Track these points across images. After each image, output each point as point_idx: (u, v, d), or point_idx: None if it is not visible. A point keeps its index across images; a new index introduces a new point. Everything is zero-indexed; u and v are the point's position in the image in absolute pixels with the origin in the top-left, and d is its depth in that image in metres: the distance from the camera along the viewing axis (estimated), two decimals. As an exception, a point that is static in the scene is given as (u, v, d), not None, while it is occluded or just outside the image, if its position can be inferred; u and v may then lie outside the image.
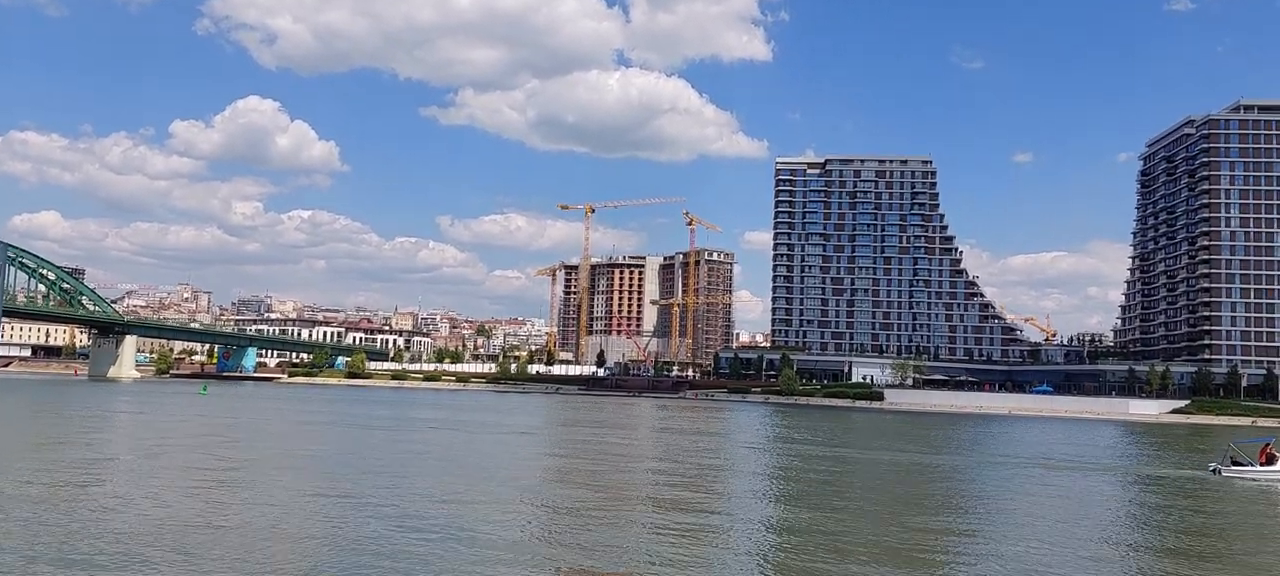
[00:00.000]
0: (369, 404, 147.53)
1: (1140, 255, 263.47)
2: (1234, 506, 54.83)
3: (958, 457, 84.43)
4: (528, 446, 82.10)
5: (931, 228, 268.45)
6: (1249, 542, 42.63)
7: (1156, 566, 36.43)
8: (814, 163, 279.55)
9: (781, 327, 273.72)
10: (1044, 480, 67.09)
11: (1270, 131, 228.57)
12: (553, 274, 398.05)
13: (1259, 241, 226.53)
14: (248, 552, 31.91)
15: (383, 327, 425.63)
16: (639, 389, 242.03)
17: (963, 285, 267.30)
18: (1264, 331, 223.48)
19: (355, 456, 65.66)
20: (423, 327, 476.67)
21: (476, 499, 46.42)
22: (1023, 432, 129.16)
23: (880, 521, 44.57)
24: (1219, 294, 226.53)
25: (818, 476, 64.51)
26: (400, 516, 39.86)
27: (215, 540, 33.70)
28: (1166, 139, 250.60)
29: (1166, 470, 73.84)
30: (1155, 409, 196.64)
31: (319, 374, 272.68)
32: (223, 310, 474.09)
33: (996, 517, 47.71)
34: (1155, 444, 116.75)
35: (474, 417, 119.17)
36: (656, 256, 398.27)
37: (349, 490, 47.34)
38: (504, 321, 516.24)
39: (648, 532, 39.45)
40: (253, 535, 34.82)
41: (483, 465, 63.48)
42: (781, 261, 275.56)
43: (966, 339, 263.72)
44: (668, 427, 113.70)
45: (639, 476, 60.75)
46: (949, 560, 35.97)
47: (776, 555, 36.07)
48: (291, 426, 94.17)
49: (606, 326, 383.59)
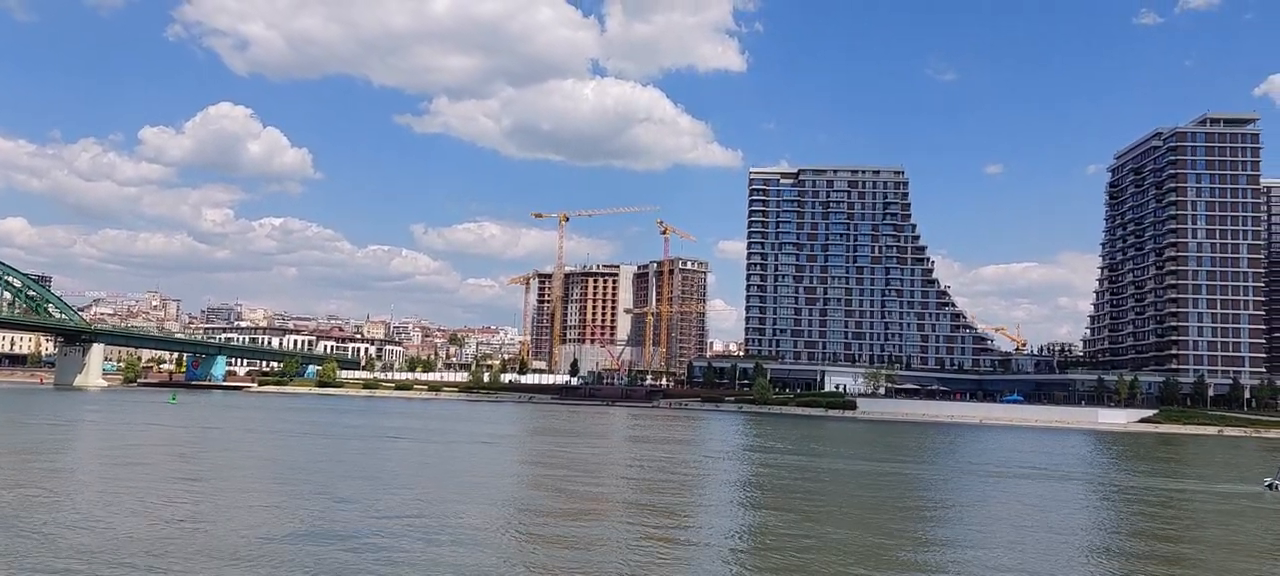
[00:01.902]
0: (340, 413, 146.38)
1: (1109, 266, 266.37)
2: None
3: (935, 466, 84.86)
4: (499, 456, 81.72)
5: (903, 238, 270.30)
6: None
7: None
8: (788, 172, 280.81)
9: (755, 336, 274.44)
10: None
11: (1236, 144, 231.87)
12: (526, 282, 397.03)
13: (1225, 253, 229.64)
14: (217, 564, 31.49)
15: (354, 336, 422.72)
16: (613, 398, 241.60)
17: (934, 295, 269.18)
18: (1230, 342, 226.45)
19: (325, 468, 65.05)
20: (395, 336, 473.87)
21: (447, 512, 46.09)
22: (1012, 442, 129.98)
23: (852, 531, 44.69)
24: (1186, 304, 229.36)
25: (790, 486, 64.61)
26: (370, 528, 39.52)
27: (183, 552, 33.24)
28: (1134, 151, 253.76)
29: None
30: (1123, 418, 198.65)
31: (289, 383, 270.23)
32: (192, 318, 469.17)
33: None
34: (1125, 453, 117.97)
35: (446, 427, 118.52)
36: (631, 265, 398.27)
37: (317, 504, 46.87)
38: (477, 330, 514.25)
39: (619, 544, 39.32)
40: (222, 547, 34.39)
41: (454, 476, 63.09)
42: (755, 270, 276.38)
43: (938, 348, 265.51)
44: (641, 437, 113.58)
45: (611, 486, 60.58)
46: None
47: (749, 564, 36.06)
48: (262, 436, 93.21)
49: (580, 335, 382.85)
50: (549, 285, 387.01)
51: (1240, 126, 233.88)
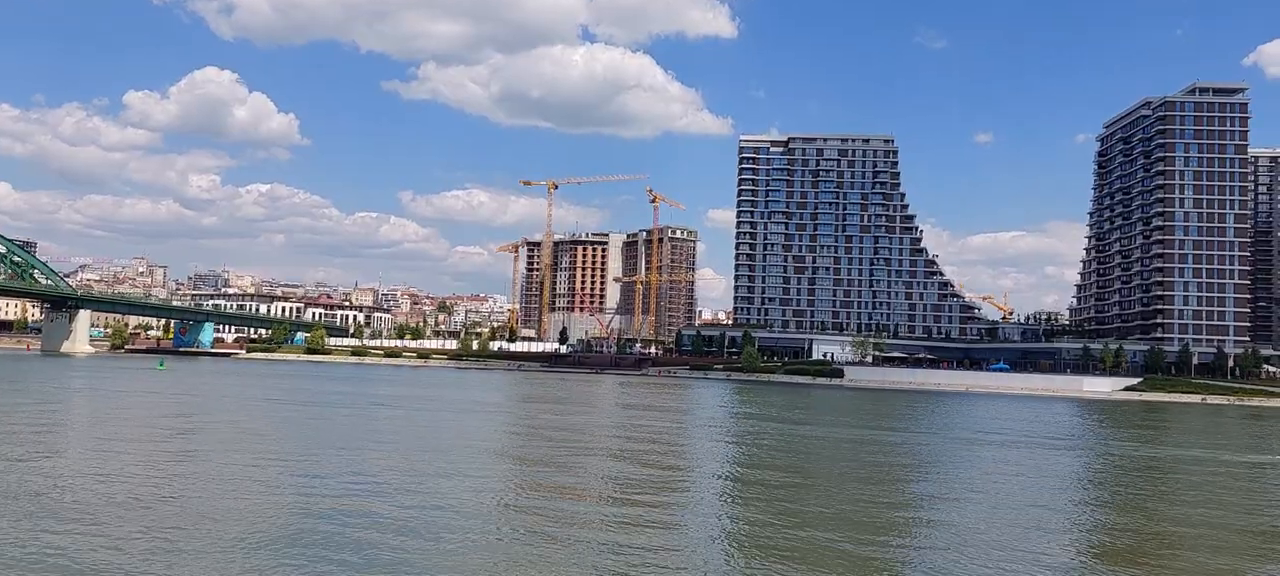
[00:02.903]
0: (329, 380, 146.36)
1: (1096, 235, 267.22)
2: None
3: (920, 434, 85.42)
4: (487, 425, 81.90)
5: (892, 206, 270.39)
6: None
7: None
8: (777, 141, 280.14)
9: (744, 305, 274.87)
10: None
11: (1224, 114, 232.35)
12: (515, 250, 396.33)
13: (1211, 222, 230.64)
14: (206, 530, 31.56)
15: (343, 303, 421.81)
16: (601, 366, 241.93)
17: (922, 264, 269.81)
18: (1215, 310, 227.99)
19: (313, 435, 65.11)
20: (383, 304, 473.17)
21: (435, 479, 46.23)
22: (998, 410, 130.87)
23: (835, 499, 45.02)
24: (1172, 274, 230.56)
25: (776, 454, 64.99)
26: (357, 496, 39.61)
27: (173, 516, 33.29)
28: (1123, 121, 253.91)
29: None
30: (1108, 386, 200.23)
31: (278, 350, 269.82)
32: (179, 285, 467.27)
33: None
34: (1109, 421, 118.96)
35: (435, 395, 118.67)
36: (620, 233, 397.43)
37: (306, 470, 46.96)
38: (466, 298, 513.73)
39: (605, 515, 39.53)
40: (211, 513, 34.43)
41: (442, 443, 63.23)
42: (744, 239, 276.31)
43: (926, 317, 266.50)
44: (630, 404, 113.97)
45: (598, 454, 60.83)
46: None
47: (732, 533, 36.31)
48: (250, 402, 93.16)
49: (569, 303, 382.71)
50: (538, 253, 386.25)
51: (1229, 96, 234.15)
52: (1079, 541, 38.14)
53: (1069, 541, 37.74)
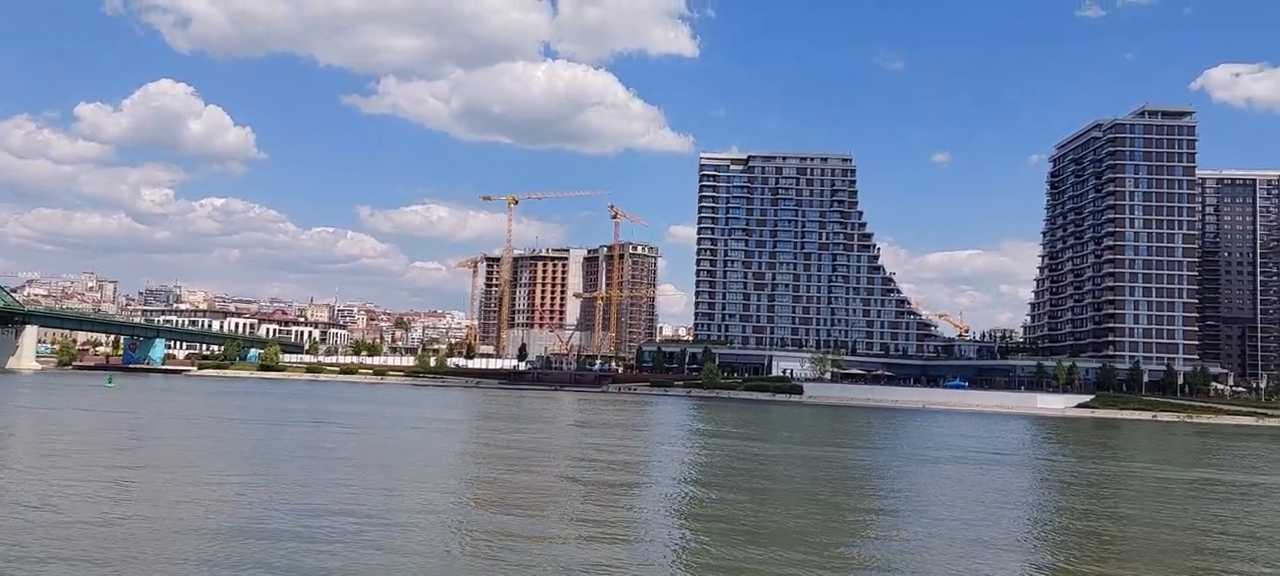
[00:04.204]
0: (282, 398, 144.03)
1: (1049, 254, 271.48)
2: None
3: (878, 452, 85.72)
4: (444, 442, 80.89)
5: (850, 225, 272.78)
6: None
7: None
8: (738, 159, 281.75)
9: (704, 321, 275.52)
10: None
11: (1172, 137, 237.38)
12: (474, 266, 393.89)
13: (1160, 242, 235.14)
14: (151, 552, 30.60)
15: (298, 319, 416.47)
16: (561, 383, 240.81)
17: (880, 281, 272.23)
18: (1164, 329, 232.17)
19: (265, 453, 63.82)
20: (340, 320, 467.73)
21: (388, 498, 45.40)
22: (954, 427, 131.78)
23: (792, 517, 44.86)
24: (1123, 293, 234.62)
25: (734, 472, 64.76)
26: (309, 517, 38.73)
27: (119, 540, 32.25)
28: (1075, 142, 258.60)
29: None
30: (1061, 403, 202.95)
31: (231, 366, 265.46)
32: (130, 300, 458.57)
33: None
34: (1062, 438, 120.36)
35: (390, 412, 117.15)
36: (580, 249, 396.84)
37: (257, 489, 45.91)
38: (423, 314, 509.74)
39: (560, 535, 39.03)
40: (157, 534, 33.44)
41: (396, 462, 62.26)
42: (705, 256, 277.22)
43: (883, 334, 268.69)
44: (588, 422, 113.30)
45: (555, 474, 60.23)
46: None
47: (693, 548, 35.97)
48: (201, 420, 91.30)
49: (529, 319, 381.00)
50: (497, 269, 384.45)
51: (1177, 119, 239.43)
52: (1031, 558, 38.30)
53: (1021, 557, 37.87)
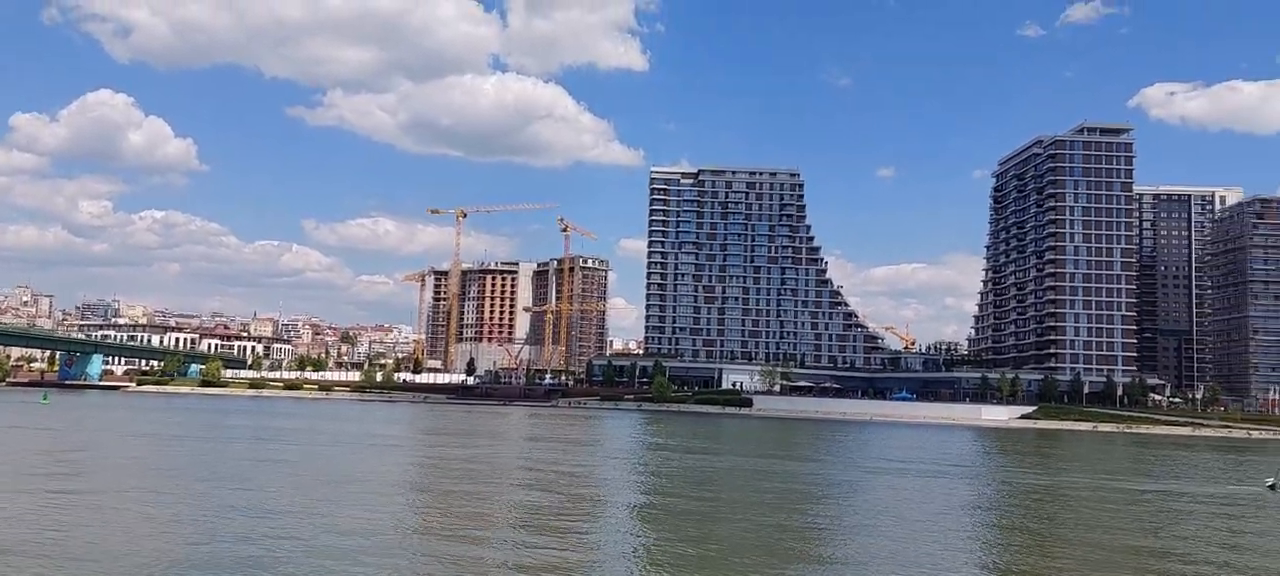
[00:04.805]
0: (224, 413, 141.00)
1: (993, 268, 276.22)
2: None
3: (826, 464, 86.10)
4: (391, 458, 79.70)
5: (799, 238, 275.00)
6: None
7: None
8: (688, 172, 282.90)
9: (655, 335, 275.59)
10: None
11: (1110, 153, 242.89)
12: (422, 279, 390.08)
13: (1099, 256, 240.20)
14: (85, 573, 29.55)
15: (241, 334, 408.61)
16: (510, 397, 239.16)
17: (828, 294, 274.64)
18: (1104, 341, 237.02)
19: (206, 470, 62.25)
20: (284, 334, 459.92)
21: (334, 516, 44.48)
22: (901, 438, 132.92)
23: (741, 531, 44.77)
24: (1064, 306, 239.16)
25: (683, 486, 64.57)
26: (252, 536, 37.76)
27: (54, 567, 31.09)
28: (1017, 158, 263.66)
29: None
30: (1005, 414, 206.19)
31: (171, 382, 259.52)
32: (66, 315, 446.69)
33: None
34: (1006, 449, 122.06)
35: (336, 427, 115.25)
36: (530, 263, 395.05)
37: (198, 507, 44.72)
38: (370, 328, 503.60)
39: (513, 546, 38.52)
40: (92, 555, 32.32)
41: (342, 478, 61.08)
42: (655, 269, 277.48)
43: (831, 346, 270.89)
44: (538, 437, 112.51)
45: (502, 489, 59.59)
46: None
47: (642, 561, 35.68)
48: (139, 437, 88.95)
49: (477, 334, 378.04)
50: (445, 282, 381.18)
51: (1115, 136, 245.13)
52: (975, 568, 38.60)
53: (966, 568, 38.15)
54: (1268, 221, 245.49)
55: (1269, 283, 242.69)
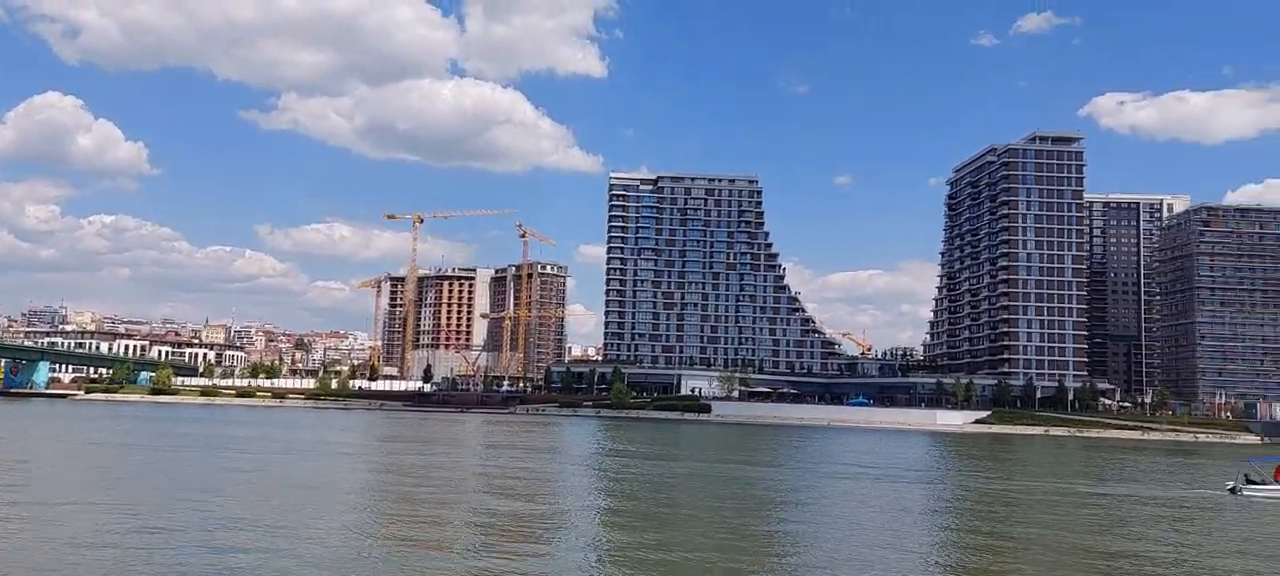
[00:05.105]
0: (175, 422, 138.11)
1: (948, 274, 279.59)
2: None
3: (784, 469, 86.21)
4: (346, 466, 78.49)
5: (757, 245, 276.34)
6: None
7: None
8: (647, 179, 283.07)
9: (614, 341, 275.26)
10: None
11: (1062, 162, 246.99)
12: (378, 286, 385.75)
13: (1051, 263, 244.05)
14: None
15: (192, 341, 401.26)
16: (468, 404, 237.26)
17: (786, 301, 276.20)
18: (1055, 347, 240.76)
19: (156, 480, 60.76)
20: (236, 341, 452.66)
21: (288, 527, 43.53)
22: (858, 443, 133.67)
23: (698, 537, 44.53)
24: (1016, 312, 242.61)
25: (641, 492, 64.26)
26: (202, 547, 36.79)
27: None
28: (971, 166, 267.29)
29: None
30: (960, 419, 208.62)
31: (120, 390, 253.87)
32: (12, 321, 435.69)
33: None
34: (961, 454, 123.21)
35: (290, 436, 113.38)
36: (488, 269, 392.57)
37: (147, 519, 43.53)
38: (324, 335, 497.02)
39: (469, 553, 37.93)
40: (39, 567, 31.22)
41: (296, 488, 59.92)
42: (615, 275, 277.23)
43: (789, 352, 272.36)
44: (495, 444, 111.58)
45: (463, 496, 58.84)
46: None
47: (597, 570, 35.33)
48: (87, 447, 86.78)
49: (434, 340, 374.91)
50: (402, 289, 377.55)
51: (1066, 145, 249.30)
52: (930, 571, 38.71)
53: (921, 572, 38.25)
54: (1214, 229, 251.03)
55: (1215, 289, 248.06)
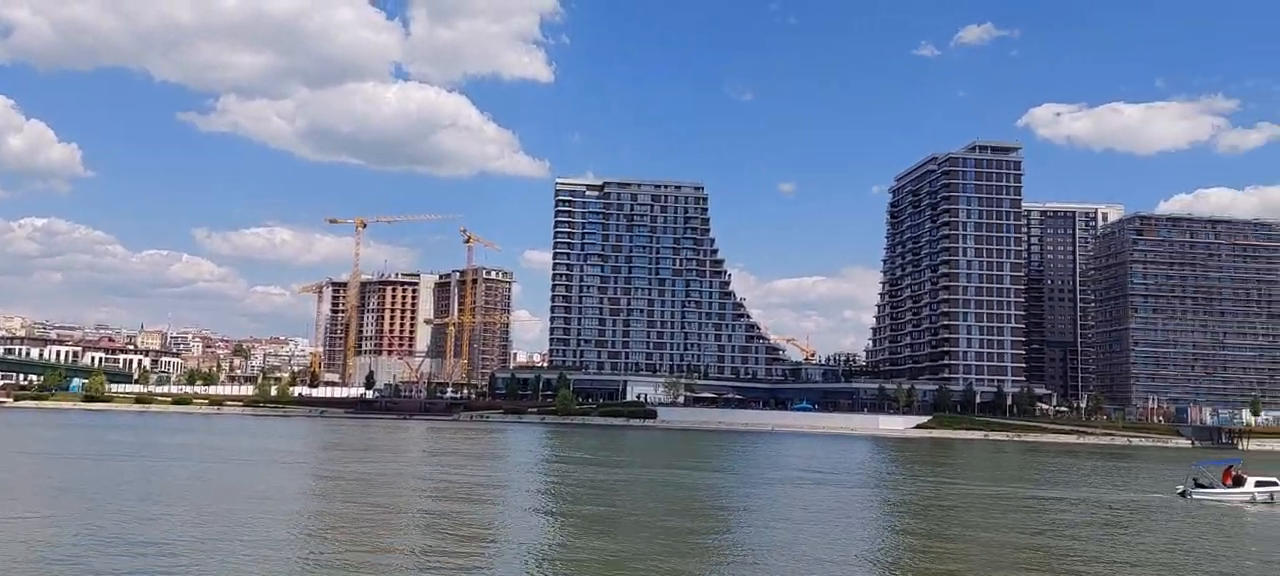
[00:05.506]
0: (109, 429, 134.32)
1: (890, 281, 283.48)
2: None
3: (728, 474, 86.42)
4: (284, 475, 76.93)
5: (703, 251, 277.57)
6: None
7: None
8: (593, 184, 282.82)
9: (559, 347, 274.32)
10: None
11: (1000, 170, 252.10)
12: (319, 291, 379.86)
13: (990, 270, 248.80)
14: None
15: (127, 347, 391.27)
16: (410, 411, 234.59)
17: (731, 307, 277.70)
18: (994, 353, 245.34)
19: (88, 490, 58.92)
20: (173, 348, 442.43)
21: (225, 538, 42.46)
22: (802, 448, 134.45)
23: (640, 543, 44.38)
24: (957, 318, 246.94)
25: (585, 499, 63.95)
26: (134, 558, 35.69)
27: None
28: (913, 174, 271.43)
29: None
30: (902, 424, 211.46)
31: (51, 398, 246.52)
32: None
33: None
34: (903, 458, 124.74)
35: (227, 443, 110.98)
36: (432, 274, 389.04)
37: (77, 530, 42.14)
38: (264, 341, 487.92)
39: (409, 561, 37.35)
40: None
41: (232, 496, 58.53)
42: (560, 281, 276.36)
43: (734, 358, 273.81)
44: (438, 451, 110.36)
45: (404, 503, 57.99)
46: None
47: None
48: (15, 455, 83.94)
49: (377, 347, 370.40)
50: (344, 294, 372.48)
51: (1005, 154, 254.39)
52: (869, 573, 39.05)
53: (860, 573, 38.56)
54: (1147, 238, 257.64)
55: (1148, 296, 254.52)
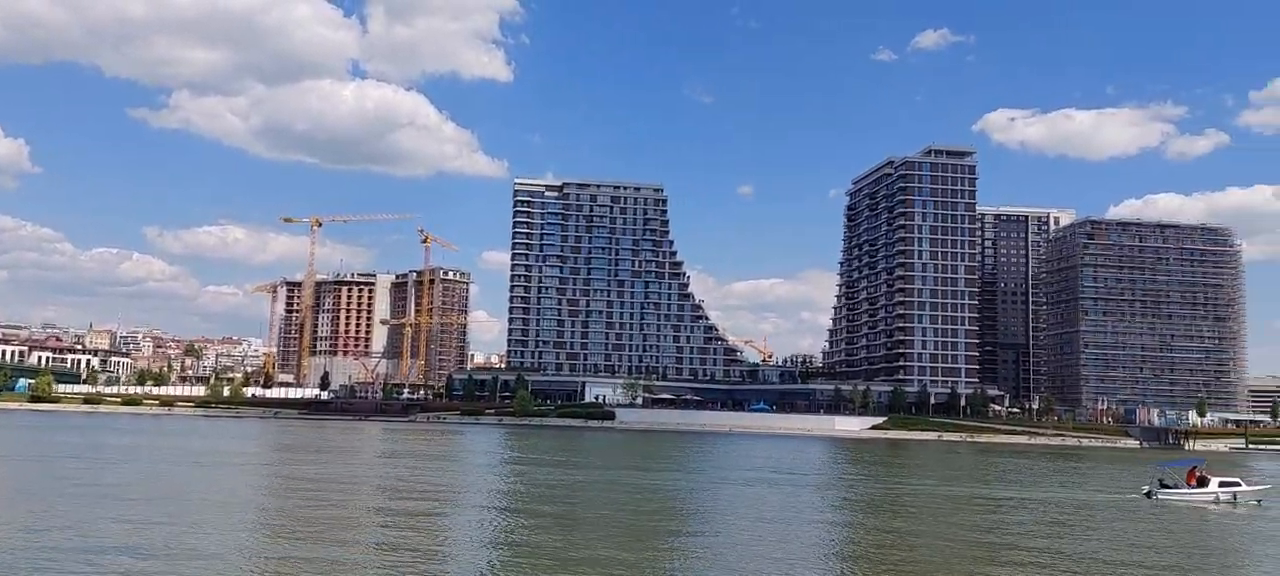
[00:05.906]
0: (56, 431, 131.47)
1: (846, 283, 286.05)
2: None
3: (685, 475, 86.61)
4: (236, 476, 75.82)
5: (662, 253, 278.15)
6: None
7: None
8: (552, 185, 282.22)
9: (518, 348, 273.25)
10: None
11: (955, 174, 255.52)
12: (273, 290, 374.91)
13: (945, 273, 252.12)
14: None
15: (75, 347, 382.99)
16: (366, 412, 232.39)
17: (689, 308, 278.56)
18: (948, 354, 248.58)
19: (34, 492, 57.63)
20: (123, 347, 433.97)
21: (172, 541, 41.71)
22: (759, 449, 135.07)
23: (596, 547, 44.34)
24: (912, 320, 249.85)
25: (541, 501, 63.76)
26: (84, 562, 34.95)
27: None
28: (870, 178, 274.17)
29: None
30: (857, 425, 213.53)
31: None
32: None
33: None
34: (858, 459, 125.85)
35: (178, 444, 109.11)
36: (388, 274, 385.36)
37: (23, 534, 41.18)
38: (217, 341, 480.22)
39: (364, 565, 36.98)
40: None
41: (182, 498, 57.54)
42: (519, 282, 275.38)
43: (692, 359, 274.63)
44: (393, 453, 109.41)
45: (359, 505, 57.42)
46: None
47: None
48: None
49: (332, 347, 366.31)
50: (299, 294, 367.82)
51: (960, 158, 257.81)
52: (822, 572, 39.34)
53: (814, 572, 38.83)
54: (1097, 242, 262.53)
55: (1098, 299, 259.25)
